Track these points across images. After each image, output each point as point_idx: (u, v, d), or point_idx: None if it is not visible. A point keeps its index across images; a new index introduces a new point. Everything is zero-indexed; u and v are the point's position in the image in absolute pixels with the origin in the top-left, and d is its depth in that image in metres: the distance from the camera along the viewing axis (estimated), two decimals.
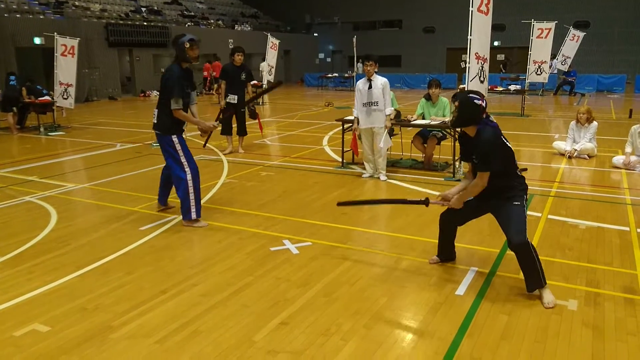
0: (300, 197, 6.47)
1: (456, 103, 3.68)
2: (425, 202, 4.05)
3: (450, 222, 4.10)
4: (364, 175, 7.44)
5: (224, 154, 9.23)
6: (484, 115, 3.65)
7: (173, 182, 5.36)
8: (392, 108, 7.17)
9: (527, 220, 3.66)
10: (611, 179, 7.28)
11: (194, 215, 5.29)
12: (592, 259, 4.40)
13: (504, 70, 25.33)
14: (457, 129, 7.01)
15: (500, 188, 3.69)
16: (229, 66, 9.21)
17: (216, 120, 5.96)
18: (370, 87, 6.96)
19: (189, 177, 5.18)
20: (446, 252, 4.30)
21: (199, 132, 5.69)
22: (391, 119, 7.16)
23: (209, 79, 23.93)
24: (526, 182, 3.84)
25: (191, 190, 5.19)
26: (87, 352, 3.10)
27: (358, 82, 7.20)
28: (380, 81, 6.99)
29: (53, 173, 8.03)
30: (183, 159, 5.17)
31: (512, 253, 3.73)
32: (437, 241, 4.34)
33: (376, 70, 7.02)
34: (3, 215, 5.86)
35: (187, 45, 5.10)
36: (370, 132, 7.19)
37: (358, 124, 7.21)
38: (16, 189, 6.99)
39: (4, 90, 12.70)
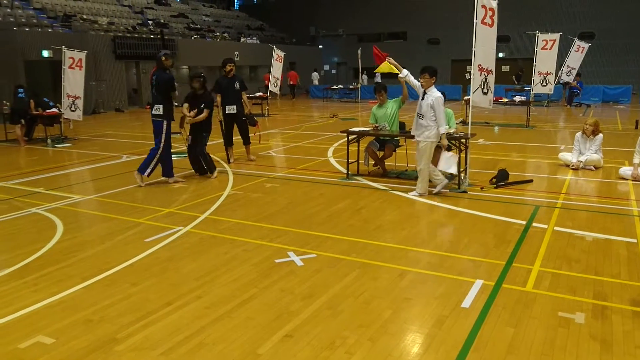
0: (305, 208, 6.47)
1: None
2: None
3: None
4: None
5: (229, 165, 9.30)
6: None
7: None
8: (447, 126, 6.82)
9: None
10: (618, 190, 7.24)
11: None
12: (599, 271, 4.36)
13: (517, 82, 25.09)
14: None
15: None
16: (221, 79, 9.31)
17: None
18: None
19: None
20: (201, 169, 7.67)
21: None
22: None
23: (295, 84, 28.60)
24: (536, 195, 3.84)
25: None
26: None
27: None
28: None
29: (60, 185, 8.08)
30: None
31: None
32: (441, 252, 4.64)
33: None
34: (10, 226, 5.90)
35: (163, 58, 7.63)
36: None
37: None
38: (23, 201, 7.03)
39: (13, 103, 12.83)
